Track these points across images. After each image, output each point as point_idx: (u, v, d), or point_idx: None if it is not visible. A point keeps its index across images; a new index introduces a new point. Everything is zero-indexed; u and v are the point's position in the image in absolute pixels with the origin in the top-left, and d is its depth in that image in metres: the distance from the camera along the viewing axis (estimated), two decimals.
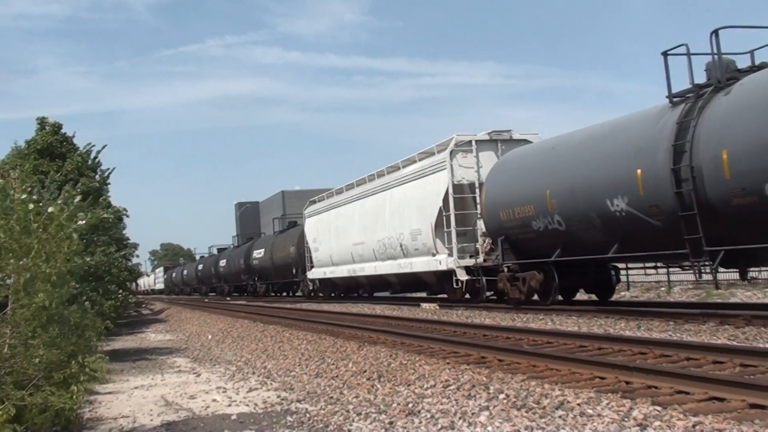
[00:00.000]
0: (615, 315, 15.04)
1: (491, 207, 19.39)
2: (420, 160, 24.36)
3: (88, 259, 15.21)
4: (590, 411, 6.33)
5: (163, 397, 9.63)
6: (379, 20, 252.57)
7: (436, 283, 24.30)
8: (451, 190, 21.25)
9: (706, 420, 5.71)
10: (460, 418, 6.56)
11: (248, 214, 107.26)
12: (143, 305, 34.79)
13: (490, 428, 6.12)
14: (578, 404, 6.59)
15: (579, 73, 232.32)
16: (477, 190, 21.06)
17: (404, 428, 6.47)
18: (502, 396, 7.26)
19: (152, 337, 21.93)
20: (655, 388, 7.09)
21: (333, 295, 35.33)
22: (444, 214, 21.58)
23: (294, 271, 40.33)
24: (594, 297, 20.06)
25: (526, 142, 21.40)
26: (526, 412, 6.53)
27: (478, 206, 20.69)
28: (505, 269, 19.06)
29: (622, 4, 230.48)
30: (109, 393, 10.38)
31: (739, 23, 14.98)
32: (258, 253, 48.00)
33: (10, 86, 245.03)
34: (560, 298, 19.07)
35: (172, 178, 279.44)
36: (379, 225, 27.08)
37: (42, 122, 23.68)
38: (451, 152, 21.53)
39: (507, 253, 18.92)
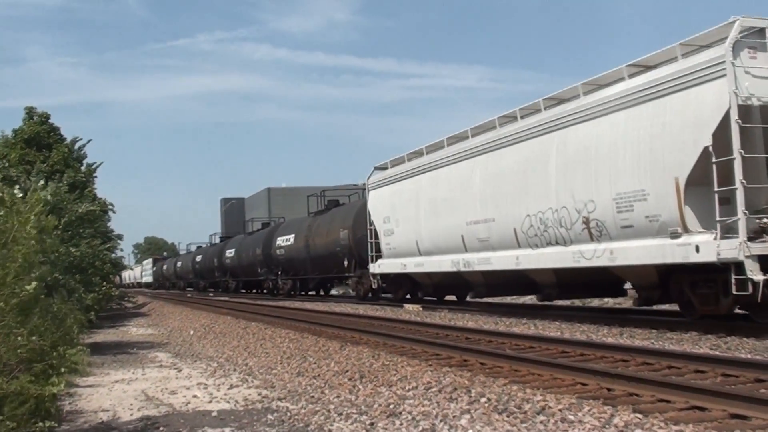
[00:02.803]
0: (598, 321, 15.06)
1: None
2: (631, 76, 14.35)
3: (73, 250, 15.17)
4: (571, 417, 6.34)
5: (143, 392, 9.58)
6: (368, 20, 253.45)
7: (656, 287, 14.40)
8: (735, 115, 11.72)
9: (687, 429, 5.74)
10: (441, 421, 6.56)
11: (233, 210, 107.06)
12: (126, 298, 34.47)
13: None
14: (559, 410, 6.60)
15: (568, 80, 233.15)
16: None
17: (385, 429, 6.46)
18: (483, 400, 7.26)
19: (134, 331, 21.82)
20: (637, 395, 7.11)
21: (409, 296, 25.37)
22: (713, 161, 12.00)
23: (346, 262, 29.29)
24: None
25: None
26: (508, 416, 6.54)
27: None
28: None
29: (610, 13, 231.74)
30: (90, 386, 10.32)
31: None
32: (284, 241, 36.97)
33: None
34: None
35: (158, 171, 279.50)
36: (530, 191, 17.13)
37: (30, 112, 23.66)
38: (734, 45, 11.91)
39: None
